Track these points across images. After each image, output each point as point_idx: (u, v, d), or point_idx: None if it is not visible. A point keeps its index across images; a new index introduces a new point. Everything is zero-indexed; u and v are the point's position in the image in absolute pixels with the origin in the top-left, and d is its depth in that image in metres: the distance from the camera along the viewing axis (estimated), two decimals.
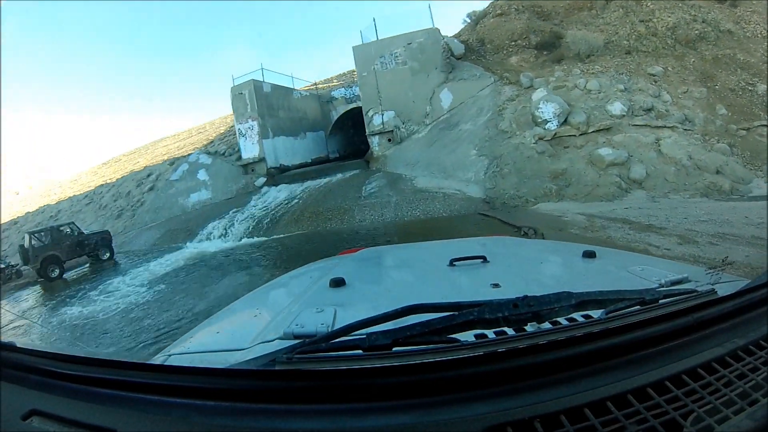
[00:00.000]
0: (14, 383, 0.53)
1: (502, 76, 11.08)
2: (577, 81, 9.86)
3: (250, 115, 13.47)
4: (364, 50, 12.25)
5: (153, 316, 5.28)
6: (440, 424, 0.41)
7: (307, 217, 9.54)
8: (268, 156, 13.40)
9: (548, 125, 9.05)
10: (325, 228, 8.89)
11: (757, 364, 0.48)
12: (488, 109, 10.38)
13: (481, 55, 12.62)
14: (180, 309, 5.37)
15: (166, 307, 5.57)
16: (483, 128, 9.94)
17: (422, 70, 11.84)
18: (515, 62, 11.90)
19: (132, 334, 4.73)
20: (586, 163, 8.11)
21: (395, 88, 11.87)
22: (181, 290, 6.36)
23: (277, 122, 14.31)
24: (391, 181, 10.28)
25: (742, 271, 3.29)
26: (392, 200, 9.05)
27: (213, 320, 1.00)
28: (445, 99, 11.61)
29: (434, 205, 8.45)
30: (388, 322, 0.54)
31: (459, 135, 10.35)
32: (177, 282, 6.95)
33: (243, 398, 0.46)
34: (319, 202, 10.12)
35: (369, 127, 12.09)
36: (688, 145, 7.95)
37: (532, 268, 1.14)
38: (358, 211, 9.07)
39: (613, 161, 7.88)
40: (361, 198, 9.72)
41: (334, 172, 12.38)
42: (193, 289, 6.29)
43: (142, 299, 6.25)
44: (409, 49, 11.86)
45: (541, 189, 7.90)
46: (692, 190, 7.14)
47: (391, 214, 8.60)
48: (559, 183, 7.90)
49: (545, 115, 9.13)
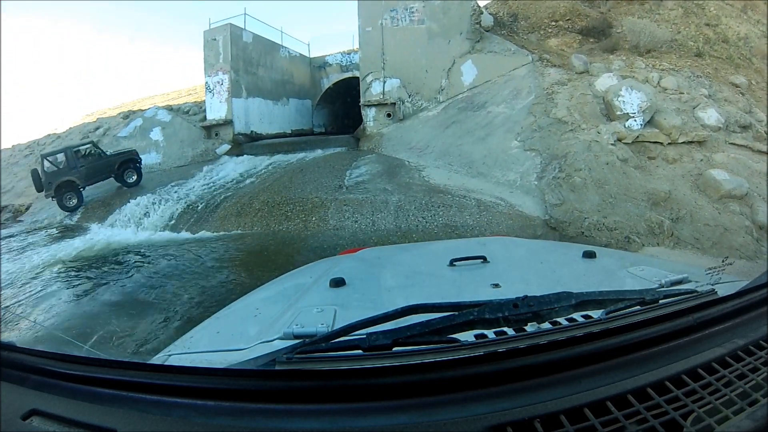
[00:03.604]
0: (14, 383, 0.53)
1: (542, 57, 9.50)
2: (649, 75, 7.98)
3: (221, 66, 11.38)
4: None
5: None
6: (440, 424, 0.41)
7: (256, 209, 6.84)
8: (236, 119, 11.32)
9: (630, 122, 6.85)
10: (277, 232, 6.21)
11: (757, 364, 0.48)
12: (529, 92, 8.43)
13: (513, 32, 10.80)
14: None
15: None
16: (525, 114, 7.92)
17: (442, 34, 9.66)
18: (555, 45, 10.32)
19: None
20: (691, 187, 6.05)
21: (405, 52, 9.74)
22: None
23: (255, 81, 12.18)
24: (388, 168, 7.79)
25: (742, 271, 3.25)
26: (391, 199, 6.36)
27: (213, 320, 1.00)
28: (467, 73, 9.53)
29: (462, 219, 5.82)
30: (388, 322, 0.54)
31: (489, 119, 8.27)
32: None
33: (243, 398, 0.46)
34: (282, 187, 7.44)
35: (365, 96, 9.90)
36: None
37: (532, 268, 1.15)
38: (335, 211, 6.31)
39: (730, 192, 5.70)
40: (343, 189, 6.94)
41: (313, 148, 10.17)
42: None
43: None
44: (430, 5, 9.63)
45: (642, 220, 5.51)
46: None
47: (389, 223, 5.91)
48: (665, 214, 5.64)
49: (628, 107, 6.91)
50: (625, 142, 6.77)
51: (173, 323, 3.64)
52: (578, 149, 6.72)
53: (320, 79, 15.38)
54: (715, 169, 6.17)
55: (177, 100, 16.38)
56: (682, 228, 5.52)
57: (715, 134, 6.90)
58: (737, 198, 5.75)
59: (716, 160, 6.45)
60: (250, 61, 12.22)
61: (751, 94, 8.29)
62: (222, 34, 11.47)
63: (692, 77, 8.31)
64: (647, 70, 8.47)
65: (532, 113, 7.89)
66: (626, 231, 5.42)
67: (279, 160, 9.51)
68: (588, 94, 7.80)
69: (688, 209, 5.72)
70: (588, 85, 8.07)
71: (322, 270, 1.25)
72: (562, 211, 5.86)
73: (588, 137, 6.94)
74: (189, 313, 3.85)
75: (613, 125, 7.00)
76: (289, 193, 7.17)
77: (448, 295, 0.93)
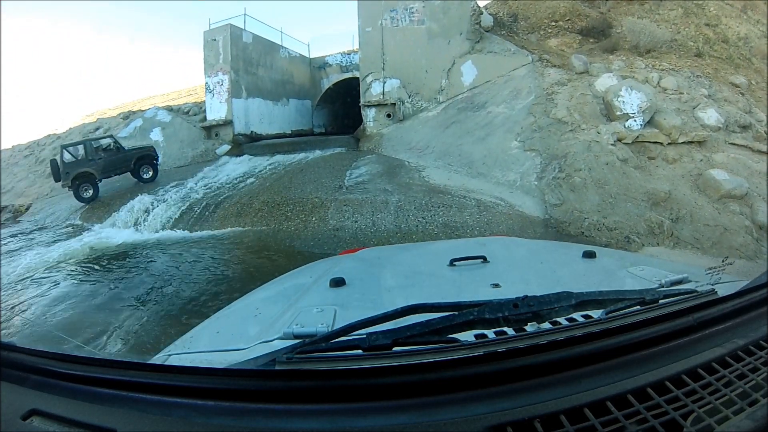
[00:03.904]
0: (14, 383, 0.53)
1: (541, 57, 9.57)
2: (649, 75, 8.03)
3: (221, 66, 11.43)
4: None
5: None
6: (440, 424, 0.41)
7: (256, 209, 6.94)
8: (236, 119, 11.39)
9: (629, 122, 6.90)
10: (277, 232, 6.31)
11: (757, 364, 0.48)
12: (529, 92, 8.53)
13: (513, 32, 10.89)
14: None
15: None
16: (525, 114, 8.01)
17: (442, 34, 9.75)
18: (555, 45, 10.38)
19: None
20: (691, 187, 6.10)
21: (405, 52, 9.81)
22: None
23: (255, 81, 12.25)
24: (388, 168, 7.86)
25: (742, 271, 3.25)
26: (391, 199, 6.45)
27: (213, 320, 1.00)
28: (467, 73, 9.61)
29: (462, 219, 5.89)
30: (388, 322, 0.54)
31: (489, 119, 8.36)
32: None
33: (243, 398, 0.46)
34: (282, 188, 7.57)
35: (365, 97, 9.99)
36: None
37: (532, 268, 1.15)
38: (335, 211, 6.38)
39: (730, 192, 5.75)
40: (343, 189, 7.05)
41: (312, 148, 10.25)
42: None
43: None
44: (430, 5, 9.73)
45: (642, 220, 5.57)
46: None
47: (389, 223, 5.98)
48: (664, 214, 5.71)
49: (628, 107, 6.94)
50: (625, 142, 6.79)
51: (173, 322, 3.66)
52: (578, 149, 6.75)
53: (320, 79, 15.36)
54: (714, 169, 6.20)
55: (177, 100, 16.39)
56: (681, 228, 5.55)
57: (715, 134, 6.91)
58: (737, 198, 5.78)
59: (716, 160, 6.47)
60: (250, 61, 12.20)
61: (750, 94, 8.26)
62: (222, 35, 11.46)
63: (692, 77, 8.30)
64: (647, 70, 8.47)
65: (532, 113, 7.91)
66: (626, 231, 5.45)
67: (279, 160, 9.53)
68: (588, 94, 7.80)
69: (688, 209, 5.75)
70: (588, 86, 8.06)
71: (322, 270, 1.25)
72: (562, 211, 5.89)
73: (588, 137, 6.97)
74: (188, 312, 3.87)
75: (613, 125, 7.02)
76: (289, 193, 7.22)
77: (448, 295, 0.93)
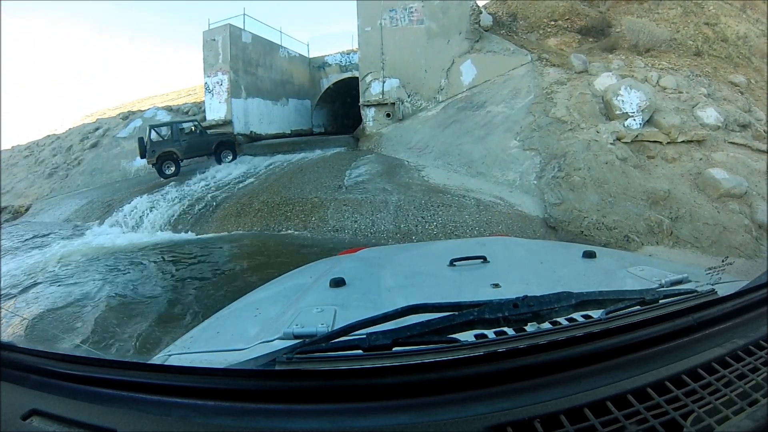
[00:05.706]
0: (14, 383, 0.53)
1: (541, 57, 9.54)
2: (648, 74, 8.04)
3: (220, 66, 11.46)
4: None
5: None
6: (440, 424, 0.41)
7: (255, 209, 6.94)
8: (236, 119, 11.48)
9: (629, 121, 6.87)
10: (276, 233, 6.28)
11: (757, 364, 0.48)
12: (528, 91, 8.55)
13: (512, 31, 10.92)
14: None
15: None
16: (525, 113, 8.04)
17: (442, 34, 9.75)
18: (554, 44, 10.40)
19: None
20: (690, 186, 6.10)
21: (404, 52, 9.82)
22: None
23: (254, 81, 12.31)
24: (388, 168, 7.88)
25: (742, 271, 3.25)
26: (391, 199, 6.45)
27: (213, 320, 1.00)
28: (466, 72, 9.64)
29: (462, 218, 5.86)
30: (388, 322, 0.54)
31: (489, 119, 8.35)
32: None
33: (243, 398, 0.46)
34: (281, 188, 7.57)
35: (364, 96, 9.99)
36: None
37: (532, 268, 1.15)
38: (335, 211, 6.37)
39: (729, 191, 5.76)
40: (343, 189, 7.05)
41: (312, 148, 10.32)
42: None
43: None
44: (429, 5, 9.73)
45: (641, 219, 5.56)
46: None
47: (389, 223, 5.95)
48: (664, 213, 5.70)
49: (627, 106, 6.93)
50: (624, 141, 6.77)
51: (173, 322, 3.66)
52: (577, 149, 6.74)
53: (320, 79, 15.33)
54: (714, 168, 6.18)
55: (176, 100, 16.43)
56: (681, 227, 5.54)
57: (715, 133, 6.90)
58: (736, 197, 5.77)
59: (715, 159, 6.47)
60: (249, 61, 12.21)
61: (750, 93, 8.26)
62: (221, 35, 11.49)
63: (691, 76, 8.29)
64: (646, 69, 8.46)
65: (532, 113, 7.90)
66: (625, 230, 5.44)
67: (278, 160, 9.58)
68: (587, 93, 7.78)
69: (688, 208, 5.74)
70: (587, 85, 8.05)
71: (322, 270, 1.25)
72: (562, 210, 5.87)
73: (587, 137, 6.95)
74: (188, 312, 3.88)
75: (612, 124, 7.00)
76: (289, 193, 7.22)
77: (448, 295, 0.93)
